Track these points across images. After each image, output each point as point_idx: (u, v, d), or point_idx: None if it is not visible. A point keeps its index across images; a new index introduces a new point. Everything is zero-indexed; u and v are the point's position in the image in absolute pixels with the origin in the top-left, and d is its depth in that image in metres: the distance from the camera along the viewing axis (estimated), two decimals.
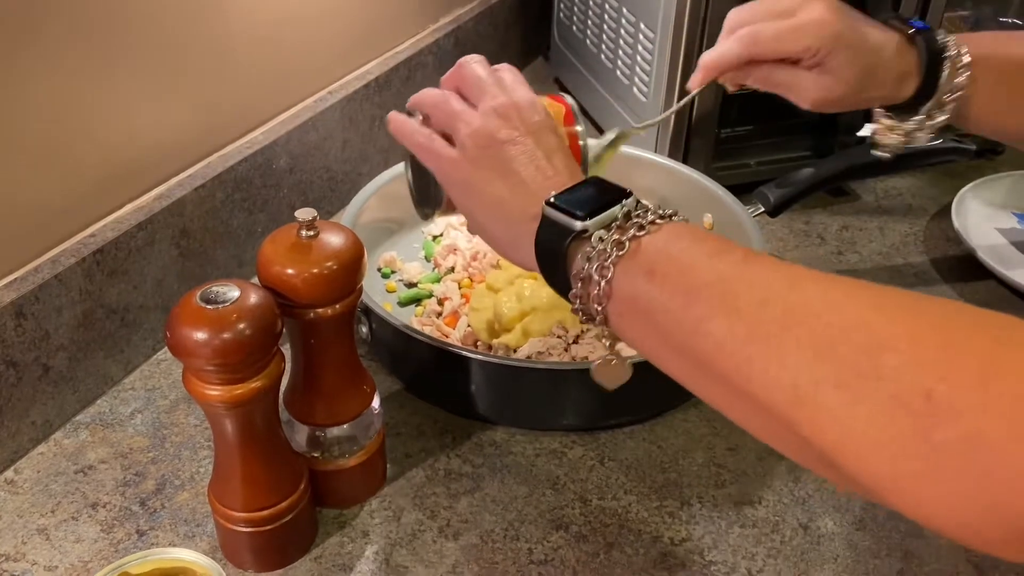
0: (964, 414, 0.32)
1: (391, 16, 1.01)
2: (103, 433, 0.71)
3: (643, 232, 0.45)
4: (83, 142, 0.70)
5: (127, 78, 0.71)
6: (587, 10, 1.10)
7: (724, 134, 0.97)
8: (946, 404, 0.33)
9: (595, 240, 0.46)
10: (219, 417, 0.55)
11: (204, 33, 0.77)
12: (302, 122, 0.88)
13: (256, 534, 0.59)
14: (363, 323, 0.74)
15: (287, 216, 0.87)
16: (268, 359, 0.54)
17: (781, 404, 0.38)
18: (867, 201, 1.01)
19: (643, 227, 0.45)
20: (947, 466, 0.32)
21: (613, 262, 0.45)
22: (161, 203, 0.75)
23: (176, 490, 0.66)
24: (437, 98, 0.57)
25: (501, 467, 0.69)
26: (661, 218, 0.46)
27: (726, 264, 0.42)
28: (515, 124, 0.53)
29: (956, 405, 0.32)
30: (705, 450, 0.70)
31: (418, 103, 0.59)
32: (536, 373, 0.70)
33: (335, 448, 0.62)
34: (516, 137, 0.52)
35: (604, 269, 0.45)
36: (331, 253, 0.56)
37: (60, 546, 0.62)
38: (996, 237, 0.93)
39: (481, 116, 0.54)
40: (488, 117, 0.54)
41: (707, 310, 0.41)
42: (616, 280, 0.45)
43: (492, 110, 0.54)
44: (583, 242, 0.46)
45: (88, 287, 0.70)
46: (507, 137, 0.53)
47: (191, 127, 0.79)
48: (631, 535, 0.64)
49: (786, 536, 0.64)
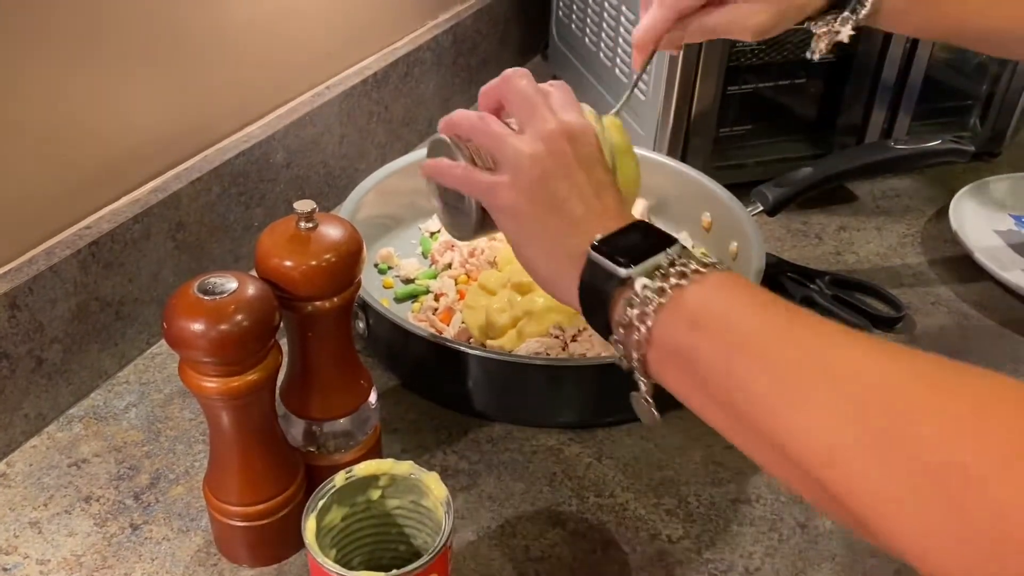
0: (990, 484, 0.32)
1: (390, 12, 1.01)
2: (97, 426, 0.70)
3: (686, 281, 0.44)
4: (79, 134, 0.69)
5: (124, 70, 0.71)
6: (586, 8, 1.09)
7: (723, 133, 0.97)
8: (977, 477, 0.32)
9: (639, 287, 0.45)
10: (215, 410, 0.54)
11: (202, 26, 0.77)
12: (299, 116, 0.88)
13: (251, 528, 0.58)
14: (360, 318, 0.74)
15: (284, 211, 0.87)
16: (265, 352, 0.53)
17: (814, 464, 0.38)
18: (865, 201, 1.01)
19: (686, 275, 0.44)
20: (979, 539, 0.32)
21: (655, 310, 0.44)
22: (157, 196, 0.75)
23: (170, 484, 0.66)
24: (476, 121, 0.55)
25: (498, 464, 0.68)
26: (705, 266, 0.45)
27: (770, 318, 0.42)
28: (567, 155, 0.52)
29: (985, 476, 0.32)
30: (703, 448, 0.70)
31: (454, 124, 0.57)
32: (534, 370, 0.69)
33: (331, 443, 0.62)
34: (566, 170, 0.51)
35: (646, 316, 0.44)
36: (330, 245, 0.56)
37: (52, 539, 0.61)
38: (993, 239, 0.93)
39: (531, 143, 0.52)
40: (538, 144, 0.52)
41: (747, 365, 0.41)
42: (657, 329, 0.44)
43: (543, 138, 0.52)
44: (626, 288, 0.46)
45: (83, 279, 0.69)
46: (560, 171, 0.51)
47: (188, 120, 0.79)
48: (628, 533, 0.63)
49: (784, 535, 0.64)
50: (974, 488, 0.32)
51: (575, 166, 0.52)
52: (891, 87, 0.96)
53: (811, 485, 0.39)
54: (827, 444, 0.37)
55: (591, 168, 0.52)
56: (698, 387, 0.44)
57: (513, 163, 0.52)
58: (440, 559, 0.50)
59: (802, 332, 0.41)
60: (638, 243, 0.47)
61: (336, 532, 0.54)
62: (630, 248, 0.47)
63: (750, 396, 0.41)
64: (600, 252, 0.47)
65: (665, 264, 0.45)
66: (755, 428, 0.41)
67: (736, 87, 0.94)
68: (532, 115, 0.54)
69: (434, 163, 0.57)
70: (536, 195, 0.52)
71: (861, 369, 0.38)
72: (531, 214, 0.52)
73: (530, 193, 0.52)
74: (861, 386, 0.37)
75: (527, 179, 0.52)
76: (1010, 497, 0.32)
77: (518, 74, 0.56)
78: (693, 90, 0.90)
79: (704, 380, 0.43)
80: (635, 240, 0.47)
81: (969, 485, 0.33)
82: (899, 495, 0.35)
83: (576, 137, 0.53)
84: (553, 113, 0.54)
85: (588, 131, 0.54)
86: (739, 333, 0.42)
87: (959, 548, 0.33)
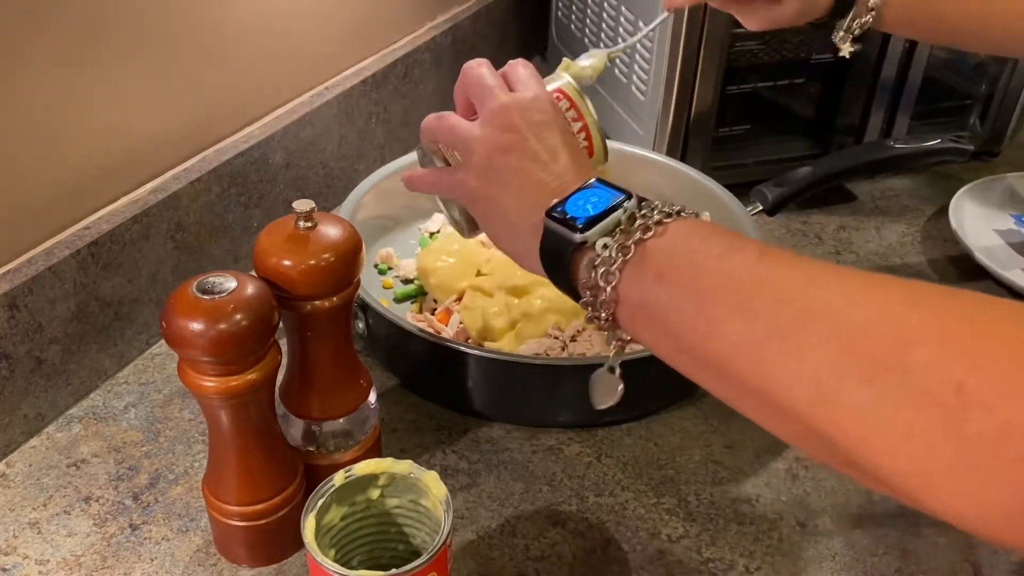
0: (997, 405, 0.31)
1: (388, 13, 1.01)
2: (96, 427, 0.70)
3: (649, 234, 0.43)
4: (78, 134, 0.69)
5: (123, 70, 0.71)
6: (585, 9, 1.09)
7: (722, 133, 0.97)
8: (978, 396, 0.31)
9: (600, 248, 0.44)
10: (214, 410, 0.54)
11: (201, 26, 0.77)
12: (298, 117, 0.88)
13: (250, 528, 0.58)
14: (359, 318, 0.74)
15: (283, 211, 0.87)
16: (264, 351, 0.53)
17: (802, 403, 0.36)
18: (864, 201, 1.01)
19: (648, 228, 0.44)
20: (980, 458, 0.31)
21: (619, 268, 0.43)
22: (156, 196, 0.75)
23: (170, 484, 0.66)
24: (434, 121, 0.57)
25: (498, 463, 0.68)
26: (668, 216, 0.44)
27: (739, 263, 0.41)
28: (516, 128, 0.52)
29: (988, 396, 0.31)
30: (702, 447, 0.70)
31: (423, 130, 0.58)
32: (533, 369, 0.69)
33: (331, 443, 0.62)
34: (515, 142, 0.51)
35: (610, 276, 0.44)
36: (329, 245, 0.56)
37: (52, 540, 0.61)
38: (993, 238, 0.93)
39: (480, 126, 0.53)
40: (486, 126, 0.53)
41: (721, 312, 0.40)
42: (623, 286, 0.44)
43: (490, 115, 0.53)
44: (587, 251, 0.45)
45: (82, 280, 0.69)
46: (507, 143, 0.52)
47: (187, 120, 0.79)
48: (628, 532, 0.63)
49: (784, 534, 0.63)
50: (974, 405, 0.31)
51: (525, 137, 0.51)
52: (890, 87, 0.96)
53: (799, 428, 0.38)
54: (813, 380, 0.36)
55: (542, 135, 0.52)
56: (672, 341, 0.43)
57: (466, 150, 0.53)
58: (439, 558, 0.50)
59: (776, 272, 0.40)
60: (595, 203, 0.46)
61: (335, 531, 0.54)
62: (585, 209, 0.46)
63: (726, 343, 0.39)
64: (554, 219, 0.47)
65: (624, 220, 0.45)
66: (735, 377, 0.39)
67: (735, 87, 0.94)
68: (484, 98, 0.54)
69: (408, 175, 0.60)
70: (488, 174, 0.52)
71: (841, 302, 0.37)
72: (487, 194, 0.52)
73: (483, 174, 0.52)
74: (846, 319, 0.36)
75: (479, 161, 0.52)
76: (1010, 409, 0.31)
77: (474, 63, 0.56)
78: (692, 90, 0.91)
79: (678, 333, 0.42)
80: (591, 200, 0.47)
81: (969, 403, 0.31)
82: (895, 425, 0.33)
83: (525, 108, 0.53)
84: (505, 91, 0.54)
85: (540, 99, 0.53)
86: (709, 279, 0.41)
87: (961, 474, 0.32)
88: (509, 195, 0.51)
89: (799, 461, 0.69)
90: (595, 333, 0.75)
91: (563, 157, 0.51)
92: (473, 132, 0.53)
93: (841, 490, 0.66)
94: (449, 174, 0.56)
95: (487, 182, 0.52)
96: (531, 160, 0.51)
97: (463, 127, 0.54)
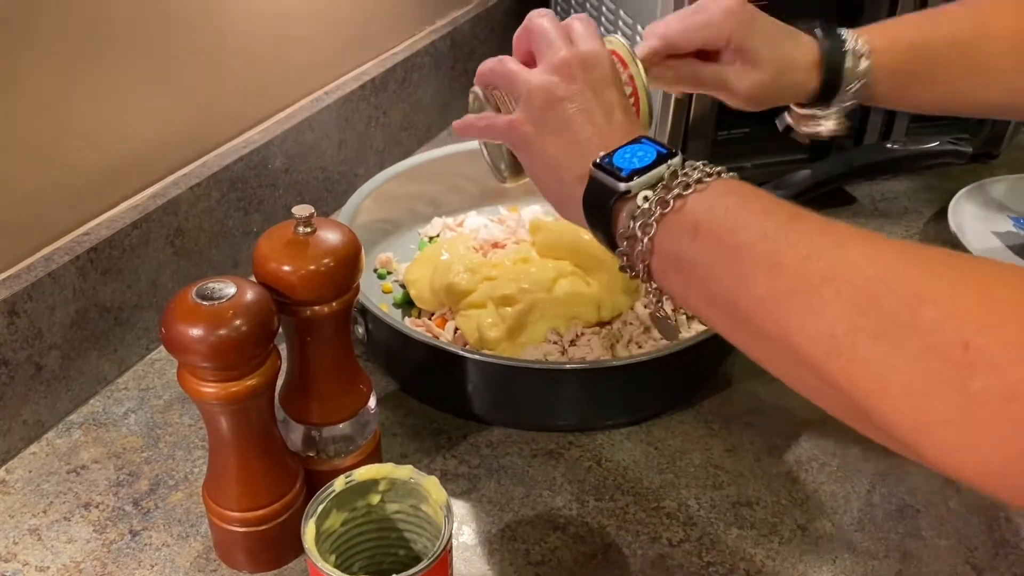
0: (1002, 365, 0.32)
1: (387, 18, 1.01)
2: (96, 433, 0.70)
3: (689, 191, 0.46)
4: (78, 139, 0.69)
5: (123, 76, 0.71)
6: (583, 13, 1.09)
7: (721, 136, 0.97)
8: (984, 355, 0.33)
9: (640, 200, 0.47)
10: (214, 415, 0.54)
11: (200, 32, 0.77)
12: (298, 122, 0.88)
13: (251, 534, 0.58)
14: (359, 323, 0.74)
15: (282, 216, 0.87)
16: (264, 357, 0.53)
17: (818, 355, 0.38)
18: (864, 204, 1.01)
19: (689, 185, 0.46)
20: (981, 415, 0.33)
21: (656, 219, 0.46)
22: (156, 202, 0.75)
23: (170, 490, 0.66)
24: (494, 64, 0.57)
25: (498, 468, 0.68)
26: (708, 176, 0.46)
27: (772, 222, 0.43)
28: (575, 79, 0.53)
29: (994, 356, 0.33)
30: (702, 451, 0.70)
31: (479, 75, 0.59)
32: (533, 373, 0.69)
33: (331, 448, 0.62)
34: (574, 94, 0.53)
35: (647, 227, 0.46)
36: (328, 250, 0.56)
37: (52, 546, 0.61)
38: (992, 240, 0.93)
39: (539, 74, 0.54)
40: (546, 75, 0.54)
41: (750, 267, 0.42)
42: (659, 237, 0.46)
43: (552, 67, 0.54)
44: (628, 201, 0.47)
45: (82, 285, 0.69)
46: (565, 94, 0.53)
47: (187, 125, 0.79)
48: (628, 536, 0.63)
49: (784, 537, 0.63)
50: (980, 364, 0.33)
51: (584, 89, 0.53)
52: None
53: (814, 381, 0.40)
54: (829, 333, 0.38)
55: (600, 91, 0.53)
56: (701, 292, 0.45)
57: (524, 96, 0.54)
58: (440, 563, 0.50)
59: (805, 232, 0.42)
60: (640, 157, 0.48)
61: (336, 537, 0.54)
62: (631, 161, 0.48)
63: (753, 296, 0.42)
64: (601, 169, 0.49)
65: (667, 176, 0.47)
66: (758, 329, 0.42)
67: None
68: (547, 48, 0.55)
69: (460, 122, 0.60)
70: (543, 121, 0.53)
71: (865, 261, 0.39)
72: (538, 140, 0.54)
73: (538, 120, 0.54)
74: (865, 279, 0.38)
75: (535, 108, 0.54)
76: (1015, 370, 0.32)
77: (538, 14, 0.57)
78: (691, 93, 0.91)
79: (707, 285, 0.44)
80: (637, 154, 0.49)
81: (974, 361, 0.33)
82: (903, 379, 0.35)
83: (587, 62, 0.54)
84: (568, 44, 0.55)
85: (600, 56, 0.55)
86: (741, 236, 0.43)
87: (963, 428, 0.33)
88: (561, 144, 0.53)
89: (799, 464, 0.69)
90: (594, 337, 0.75)
91: (617, 114, 0.53)
92: (533, 80, 0.54)
93: (841, 493, 0.66)
94: (503, 119, 0.56)
95: (542, 129, 0.53)
96: (587, 113, 0.53)
97: (523, 75, 0.55)
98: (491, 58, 0.58)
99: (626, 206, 0.48)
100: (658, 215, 0.46)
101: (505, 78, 0.56)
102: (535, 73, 0.55)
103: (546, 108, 0.53)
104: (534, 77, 0.54)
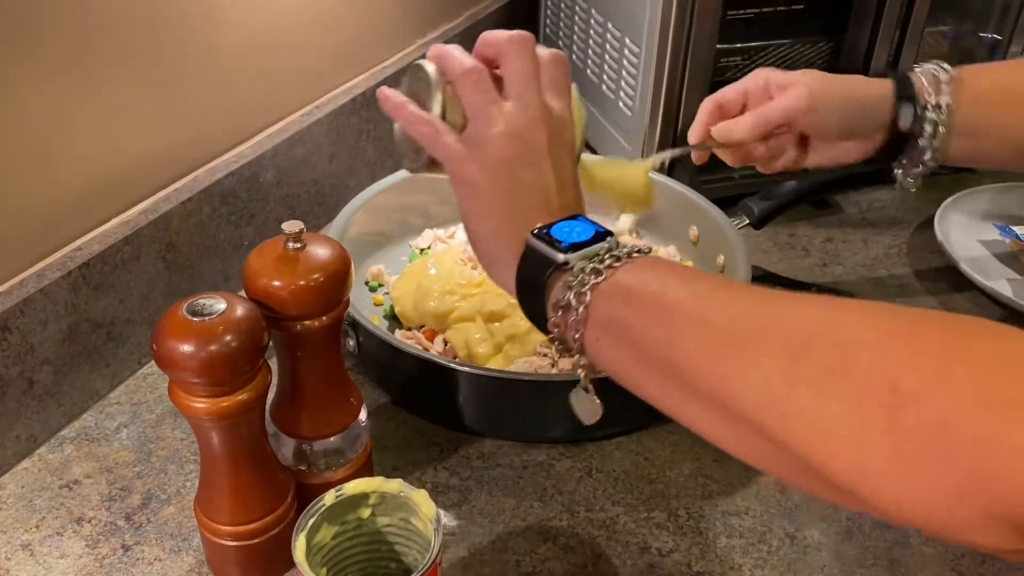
0: (928, 398, 0.33)
1: (378, 31, 1.02)
2: (88, 447, 0.70)
3: (620, 263, 0.47)
4: (69, 155, 0.70)
5: (114, 91, 0.72)
6: (572, 26, 1.10)
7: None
8: (911, 392, 0.34)
9: (576, 270, 0.47)
10: (205, 430, 0.55)
11: (191, 46, 0.78)
12: (289, 136, 0.88)
13: (243, 548, 0.58)
14: (350, 336, 0.74)
15: (274, 230, 0.87)
16: (254, 372, 0.54)
17: (755, 407, 0.39)
18: (851, 213, 1.02)
19: (619, 259, 0.47)
20: (914, 450, 0.33)
21: (591, 288, 0.46)
22: (147, 217, 0.75)
23: (162, 504, 0.66)
24: (468, 70, 0.52)
25: (488, 479, 0.69)
26: (640, 252, 0.48)
27: (702, 286, 0.45)
28: (541, 145, 0.51)
29: (918, 391, 0.34)
30: (692, 461, 0.70)
31: (443, 59, 0.54)
32: (523, 385, 0.70)
33: (322, 461, 0.62)
34: (538, 162, 0.51)
35: (582, 296, 0.46)
36: (318, 265, 0.56)
37: (44, 561, 0.62)
38: (978, 249, 0.94)
39: (509, 121, 0.51)
40: (517, 125, 0.51)
41: (683, 323, 0.43)
42: (594, 305, 0.46)
43: (524, 120, 0.51)
44: (564, 273, 0.48)
45: (74, 301, 0.70)
46: (529, 157, 0.51)
47: (178, 140, 0.79)
48: (619, 546, 0.64)
49: (773, 546, 0.64)
50: (908, 400, 0.34)
51: (545, 157, 0.52)
52: None
53: (751, 437, 0.40)
54: (763, 384, 0.38)
55: (560, 162, 0.52)
56: (634, 355, 0.45)
57: (485, 136, 0.51)
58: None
59: (735, 291, 0.44)
60: (578, 232, 0.49)
61: (327, 550, 0.54)
62: (571, 235, 0.49)
63: (684, 353, 0.42)
64: (540, 239, 0.49)
65: (602, 253, 0.48)
66: (692, 387, 0.42)
67: None
68: (522, 91, 0.52)
69: (391, 99, 0.54)
70: (499, 176, 0.51)
71: (791, 317, 0.40)
72: (490, 193, 0.52)
73: (494, 173, 0.51)
74: (793, 330, 0.39)
75: (495, 158, 0.51)
76: (940, 401, 0.33)
77: (524, 41, 0.53)
78: (679, 104, 0.91)
79: (639, 346, 0.45)
80: (576, 229, 0.49)
81: (903, 399, 0.34)
82: (837, 421, 0.36)
83: (555, 127, 0.52)
84: (541, 93, 0.52)
85: (567, 123, 0.54)
86: (673, 295, 0.44)
87: (899, 467, 0.34)
88: (505, 203, 0.51)
89: None
90: None
91: (568, 192, 0.53)
92: (499, 124, 0.51)
93: (829, 502, 0.67)
94: (451, 141, 0.52)
95: (491, 181, 0.51)
96: (542, 183, 0.52)
97: (494, 108, 0.51)
98: (464, 53, 0.53)
99: (563, 277, 0.48)
100: (591, 284, 0.46)
101: (476, 96, 0.52)
102: (504, 116, 0.51)
103: (503, 164, 0.51)
104: (502, 122, 0.51)
